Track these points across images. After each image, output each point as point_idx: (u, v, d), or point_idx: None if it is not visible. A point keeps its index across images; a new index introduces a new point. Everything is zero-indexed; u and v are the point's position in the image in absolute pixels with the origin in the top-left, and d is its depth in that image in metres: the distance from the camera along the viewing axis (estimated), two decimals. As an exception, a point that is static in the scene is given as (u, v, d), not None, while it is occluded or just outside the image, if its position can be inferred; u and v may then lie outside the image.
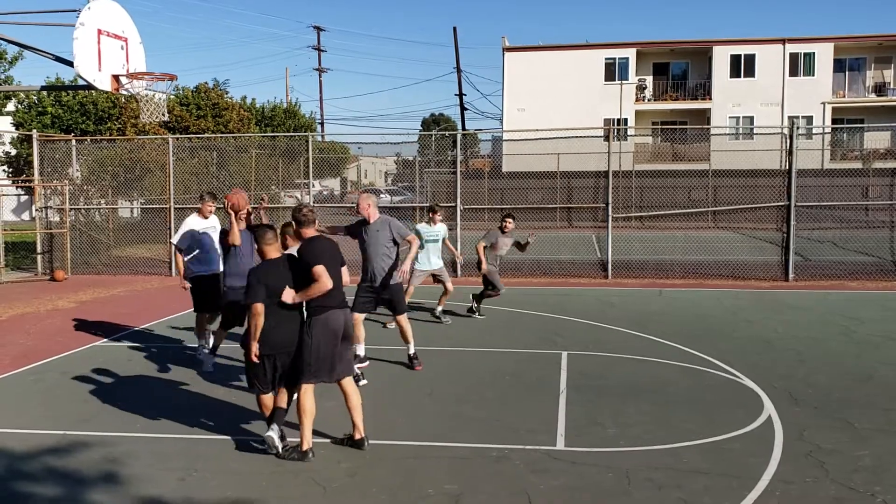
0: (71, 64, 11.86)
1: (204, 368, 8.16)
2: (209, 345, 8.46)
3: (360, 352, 8.16)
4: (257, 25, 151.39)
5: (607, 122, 37.06)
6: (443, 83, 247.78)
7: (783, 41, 38.57)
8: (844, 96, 39.24)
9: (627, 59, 39.87)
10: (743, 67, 39.01)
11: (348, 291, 6.10)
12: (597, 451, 5.73)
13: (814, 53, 38.49)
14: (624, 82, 39.53)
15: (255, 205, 8.62)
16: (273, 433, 5.56)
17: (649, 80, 40.94)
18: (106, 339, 9.84)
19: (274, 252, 5.70)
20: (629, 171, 27.17)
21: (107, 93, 16.15)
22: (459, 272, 15.06)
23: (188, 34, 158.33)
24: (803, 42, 38.52)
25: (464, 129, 45.92)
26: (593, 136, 22.44)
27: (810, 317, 11.24)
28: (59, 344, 9.54)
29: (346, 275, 6.02)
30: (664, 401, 6.96)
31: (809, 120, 38.25)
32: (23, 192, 24.60)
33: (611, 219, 15.59)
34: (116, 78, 12.33)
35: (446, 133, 28.56)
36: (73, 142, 17.58)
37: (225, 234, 8.01)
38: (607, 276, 15.46)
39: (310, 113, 51.31)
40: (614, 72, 39.82)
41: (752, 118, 38.98)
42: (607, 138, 16.39)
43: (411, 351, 8.30)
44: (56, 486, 5.17)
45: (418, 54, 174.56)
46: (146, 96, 13.01)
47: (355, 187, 49.58)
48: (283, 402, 5.68)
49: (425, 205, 15.85)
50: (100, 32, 11.90)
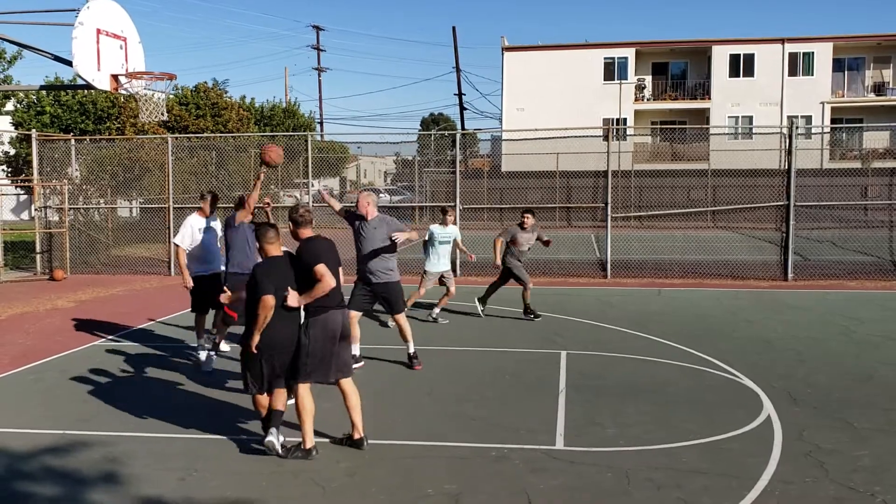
0: (70, 63, 11.86)
1: (204, 368, 8.16)
2: (209, 344, 8.46)
3: (356, 351, 8.11)
4: (256, 25, 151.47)
5: (606, 121, 37.06)
6: (442, 83, 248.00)
7: (782, 41, 38.60)
8: (843, 96, 39.26)
9: (626, 58, 39.89)
10: (742, 67, 39.03)
11: (344, 291, 6.09)
12: (596, 450, 5.73)
13: (813, 53, 38.52)
14: (623, 82, 39.54)
15: (259, 205, 8.62)
16: (273, 438, 5.55)
17: (648, 79, 40.95)
18: (105, 339, 9.84)
19: (275, 250, 5.70)
20: (628, 170, 27.13)
21: (106, 92, 16.14)
22: (458, 272, 15.06)
23: (187, 34, 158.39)
24: (802, 42, 38.55)
25: (463, 128, 45.91)
26: (592, 136, 22.42)
27: (810, 317, 11.24)
28: (58, 343, 9.54)
29: (340, 275, 6.02)
30: (663, 401, 6.96)
31: (808, 119, 38.28)
32: (22, 192, 24.60)
33: (610, 218, 15.60)
34: (115, 77, 12.33)
35: (445, 133, 28.58)
36: (73, 141, 17.57)
37: (229, 225, 8.04)
38: (606, 275, 15.47)
39: (309, 112, 51.43)
40: (613, 71, 39.84)
41: (751, 118, 39.01)
42: (606, 138, 16.40)
43: (411, 350, 8.27)
44: (56, 485, 5.17)
45: (417, 54, 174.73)
46: (145, 96, 13.01)
47: (355, 187, 49.57)
48: (281, 405, 5.65)
49: (425, 205, 15.87)
50: (99, 32, 11.90)
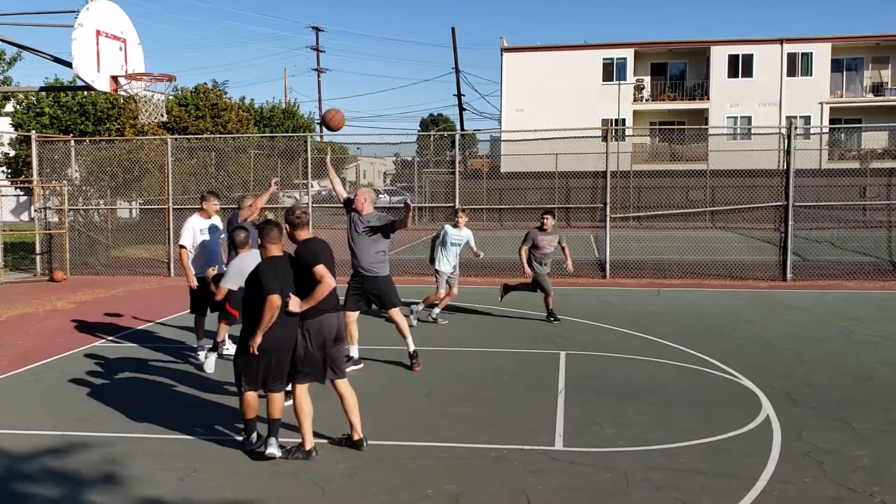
0: (70, 65, 11.88)
1: (205, 368, 8.16)
2: (208, 345, 8.46)
3: (354, 353, 8.03)
4: (256, 26, 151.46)
5: (605, 122, 37.09)
6: (441, 83, 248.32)
7: (781, 41, 38.63)
8: (842, 96, 39.29)
9: (625, 59, 39.92)
10: (741, 67, 39.06)
11: (339, 292, 6.09)
12: (595, 451, 5.73)
13: (811, 53, 38.55)
14: (622, 82, 39.57)
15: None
16: (273, 448, 5.53)
17: (647, 80, 40.97)
18: (105, 340, 9.84)
19: (277, 250, 5.69)
20: (627, 171, 27.18)
21: (105, 93, 16.15)
22: (458, 270, 15.02)
23: (187, 35, 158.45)
24: (801, 42, 38.59)
25: (462, 129, 45.94)
26: (591, 137, 22.44)
27: (809, 317, 11.25)
28: (58, 344, 9.54)
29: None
30: (663, 401, 6.97)
31: (807, 120, 38.30)
32: (22, 193, 24.62)
33: (609, 219, 15.61)
34: (115, 79, 12.35)
35: (445, 133, 28.57)
36: (72, 142, 17.57)
37: (232, 224, 8.06)
38: (605, 276, 15.48)
39: (308, 113, 51.41)
40: (612, 72, 39.87)
41: (749, 118, 39.04)
42: (605, 138, 16.40)
43: (411, 348, 8.13)
44: (55, 486, 5.18)
45: (417, 55, 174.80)
46: (145, 97, 13.04)
47: (354, 187, 49.54)
48: (278, 412, 5.62)
49: (424, 205, 15.87)
50: (98, 33, 11.91)
